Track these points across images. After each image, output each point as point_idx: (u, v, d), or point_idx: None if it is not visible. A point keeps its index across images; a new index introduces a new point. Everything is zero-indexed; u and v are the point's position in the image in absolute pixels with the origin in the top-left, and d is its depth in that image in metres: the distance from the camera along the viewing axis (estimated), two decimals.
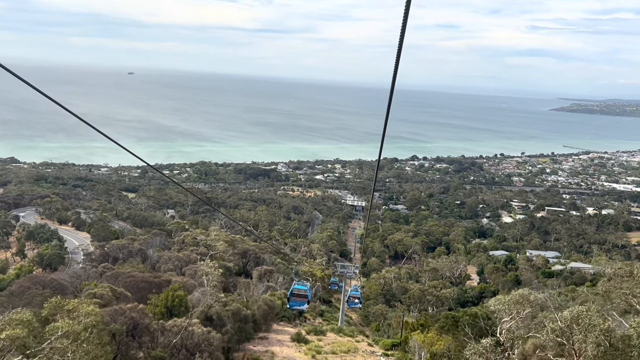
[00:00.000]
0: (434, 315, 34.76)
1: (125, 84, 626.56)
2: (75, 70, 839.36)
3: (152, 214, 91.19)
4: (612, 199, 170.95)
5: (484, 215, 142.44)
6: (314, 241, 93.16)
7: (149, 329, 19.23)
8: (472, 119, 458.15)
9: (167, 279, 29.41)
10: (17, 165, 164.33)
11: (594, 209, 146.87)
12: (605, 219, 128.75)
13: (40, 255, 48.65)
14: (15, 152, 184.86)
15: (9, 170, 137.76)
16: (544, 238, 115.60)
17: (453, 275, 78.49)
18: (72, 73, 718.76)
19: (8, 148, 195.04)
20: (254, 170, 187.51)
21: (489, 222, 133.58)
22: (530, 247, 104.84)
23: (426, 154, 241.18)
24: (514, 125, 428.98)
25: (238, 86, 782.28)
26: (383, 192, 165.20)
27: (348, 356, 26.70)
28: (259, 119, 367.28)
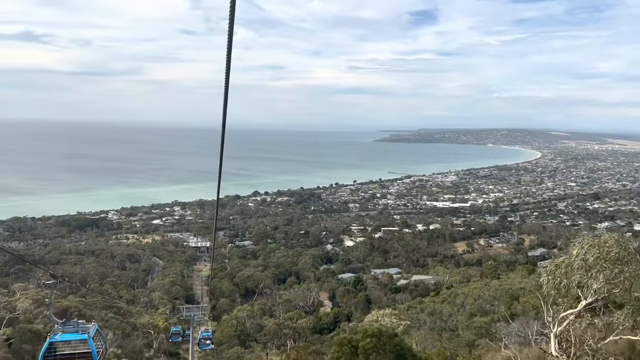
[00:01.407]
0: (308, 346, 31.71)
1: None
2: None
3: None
4: (435, 215, 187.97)
5: (328, 241, 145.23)
6: (155, 290, 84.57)
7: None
8: (305, 154, 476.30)
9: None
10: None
11: (422, 225, 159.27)
12: (434, 233, 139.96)
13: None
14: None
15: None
16: (385, 256, 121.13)
17: (307, 304, 76.75)
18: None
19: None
20: (79, 222, 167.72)
21: (333, 247, 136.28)
22: (374, 267, 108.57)
23: (266, 188, 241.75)
24: (343, 157, 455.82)
25: (55, 132, 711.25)
26: (228, 229, 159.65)
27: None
28: (72, 164, 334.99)
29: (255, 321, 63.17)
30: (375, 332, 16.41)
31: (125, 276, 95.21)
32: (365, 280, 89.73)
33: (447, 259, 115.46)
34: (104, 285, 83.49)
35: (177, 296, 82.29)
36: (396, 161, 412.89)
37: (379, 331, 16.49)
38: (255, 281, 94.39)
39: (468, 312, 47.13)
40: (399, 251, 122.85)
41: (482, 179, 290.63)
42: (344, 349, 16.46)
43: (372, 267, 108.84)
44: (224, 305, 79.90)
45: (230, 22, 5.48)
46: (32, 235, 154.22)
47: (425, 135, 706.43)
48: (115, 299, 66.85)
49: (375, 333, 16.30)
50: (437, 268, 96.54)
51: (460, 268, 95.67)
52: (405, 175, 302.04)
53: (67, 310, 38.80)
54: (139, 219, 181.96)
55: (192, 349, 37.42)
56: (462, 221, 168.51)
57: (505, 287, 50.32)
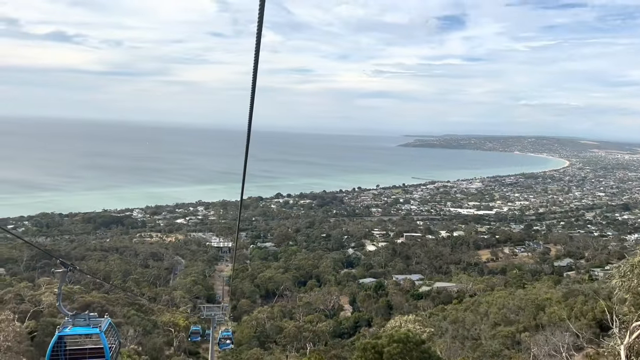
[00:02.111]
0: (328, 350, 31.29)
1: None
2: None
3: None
4: (459, 222, 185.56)
5: (349, 245, 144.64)
6: (177, 288, 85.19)
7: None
8: (328, 157, 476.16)
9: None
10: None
11: (446, 232, 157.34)
12: (457, 240, 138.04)
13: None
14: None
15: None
16: (407, 262, 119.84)
17: (327, 307, 76.29)
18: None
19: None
20: (105, 219, 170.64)
21: (354, 251, 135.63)
22: (395, 272, 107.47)
23: (289, 191, 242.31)
24: (366, 161, 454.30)
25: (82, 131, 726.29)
26: (250, 230, 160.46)
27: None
28: (95, 162, 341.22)
29: (275, 323, 62.98)
30: (402, 337, 15.65)
31: (148, 274, 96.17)
32: (387, 285, 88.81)
33: (470, 267, 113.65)
34: (127, 282, 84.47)
35: (198, 295, 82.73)
36: (420, 166, 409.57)
37: (406, 337, 15.73)
38: (276, 283, 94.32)
39: (492, 321, 46.02)
40: (422, 257, 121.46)
41: (508, 187, 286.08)
42: (367, 354, 15.70)
43: (394, 272, 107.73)
44: (244, 306, 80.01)
45: (259, 24, 5.36)
46: (59, 231, 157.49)
47: (451, 141, 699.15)
48: (137, 296, 67.51)
49: (402, 339, 15.54)
50: (460, 275, 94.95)
51: (484, 276, 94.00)
52: (429, 181, 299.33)
53: (90, 306, 39.18)
54: (163, 218, 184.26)
55: (211, 348, 37.34)
56: (487, 229, 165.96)
57: (530, 296, 48.98)
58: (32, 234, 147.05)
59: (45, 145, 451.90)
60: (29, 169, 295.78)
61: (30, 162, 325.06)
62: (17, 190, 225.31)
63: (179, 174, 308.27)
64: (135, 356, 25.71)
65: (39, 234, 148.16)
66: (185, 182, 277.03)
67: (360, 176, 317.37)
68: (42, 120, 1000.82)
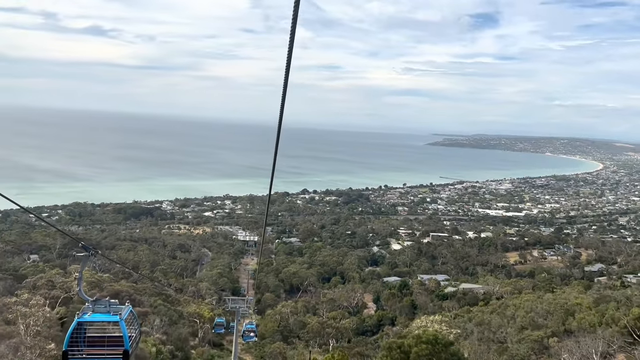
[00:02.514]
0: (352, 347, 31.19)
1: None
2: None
3: (7, 260, 78.48)
4: (487, 223, 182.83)
5: (374, 243, 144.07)
6: (203, 280, 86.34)
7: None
8: (355, 154, 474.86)
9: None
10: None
11: (473, 233, 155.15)
12: (485, 242, 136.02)
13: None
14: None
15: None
16: (432, 262, 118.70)
17: (350, 304, 76.21)
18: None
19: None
20: (135, 210, 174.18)
21: (379, 249, 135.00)
22: (420, 272, 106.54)
23: (315, 187, 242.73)
24: (394, 159, 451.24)
25: (114, 123, 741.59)
26: (276, 225, 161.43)
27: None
28: (126, 154, 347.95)
29: (299, 318, 63.25)
30: (430, 338, 15.22)
31: (175, 265, 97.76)
32: (412, 285, 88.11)
33: (497, 269, 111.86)
34: (154, 273, 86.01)
35: (224, 288, 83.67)
36: (448, 166, 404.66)
37: (435, 338, 15.30)
38: (300, 278, 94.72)
39: (519, 325, 45.20)
40: (448, 258, 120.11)
41: (539, 189, 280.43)
42: (393, 353, 15.33)
43: (419, 272, 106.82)
44: (268, 300, 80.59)
45: (293, 21, 5.31)
46: (90, 220, 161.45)
47: (481, 140, 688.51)
48: (164, 286, 68.71)
49: (430, 340, 15.11)
50: (487, 277, 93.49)
51: (512, 279, 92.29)
52: (457, 181, 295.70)
53: (119, 294, 39.94)
54: (191, 211, 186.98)
55: (235, 341, 37.70)
56: (516, 231, 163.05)
57: (559, 301, 47.90)
58: (66, 222, 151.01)
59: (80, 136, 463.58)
60: (64, 159, 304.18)
61: (65, 152, 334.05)
62: (52, 180, 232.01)
63: (208, 168, 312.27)
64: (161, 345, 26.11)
65: (72, 223, 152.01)
66: (213, 176, 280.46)
67: (387, 174, 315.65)
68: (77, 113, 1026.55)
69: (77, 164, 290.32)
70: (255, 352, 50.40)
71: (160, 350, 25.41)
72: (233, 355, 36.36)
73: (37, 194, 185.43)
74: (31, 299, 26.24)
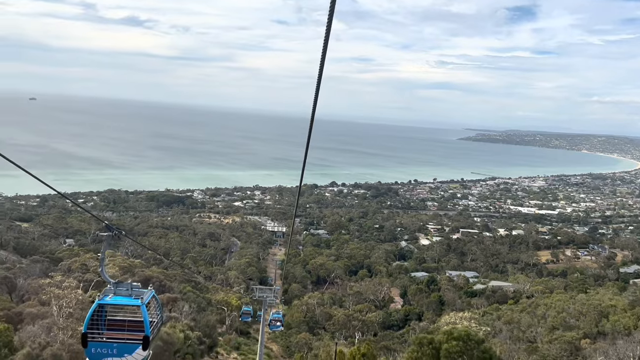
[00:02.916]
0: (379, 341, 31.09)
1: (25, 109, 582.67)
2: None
3: (45, 243, 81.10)
4: (519, 220, 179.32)
5: (403, 238, 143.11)
6: (231, 268, 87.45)
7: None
8: (386, 148, 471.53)
9: (18, 311, 22.98)
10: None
11: (504, 230, 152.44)
12: (516, 239, 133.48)
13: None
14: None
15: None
16: (461, 259, 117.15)
17: (377, 298, 75.94)
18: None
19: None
20: (167, 198, 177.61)
21: (407, 244, 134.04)
22: (449, 268, 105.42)
23: (344, 180, 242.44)
24: (425, 153, 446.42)
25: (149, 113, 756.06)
26: (304, 217, 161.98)
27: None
28: (159, 143, 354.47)
29: (325, 310, 63.41)
30: (462, 335, 14.72)
31: (205, 253, 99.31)
32: (440, 280, 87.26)
33: (528, 267, 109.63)
34: (184, 260, 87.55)
35: (252, 277, 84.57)
36: (481, 162, 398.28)
37: (467, 335, 14.79)
38: (327, 270, 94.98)
39: (549, 325, 44.27)
40: (477, 255, 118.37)
41: (573, 187, 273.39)
42: (424, 349, 14.85)
43: (448, 268, 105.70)
44: (295, 290, 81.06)
45: (330, 13, 5.21)
46: (124, 207, 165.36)
47: (514, 136, 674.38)
48: (194, 273, 69.91)
49: (462, 336, 14.61)
50: (518, 276, 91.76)
51: (543, 278, 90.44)
52: (489, 177, 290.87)
53: (150, 280, 40.80)
54: (222, 200, 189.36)
55: (262, 329, 38.06)
56: (548, 229, 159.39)
57: (593, 302, 46.67)
58: (100, 209, 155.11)
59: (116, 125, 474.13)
60: (100, 147, 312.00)
61: (101, 140, 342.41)
62: (88, 167, 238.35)
63: (238, 158, 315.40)
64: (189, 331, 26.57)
65: (106, 209, 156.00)
66: (243, 167, 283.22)
67: (417, 169, 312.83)
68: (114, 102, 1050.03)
69: (112, 151, 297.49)
70: (282, 342, 50.84)
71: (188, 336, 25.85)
72: (259, 343, 36.69)
73: (73, 181, 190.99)
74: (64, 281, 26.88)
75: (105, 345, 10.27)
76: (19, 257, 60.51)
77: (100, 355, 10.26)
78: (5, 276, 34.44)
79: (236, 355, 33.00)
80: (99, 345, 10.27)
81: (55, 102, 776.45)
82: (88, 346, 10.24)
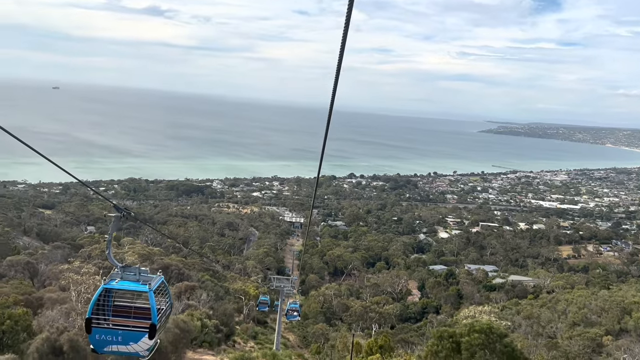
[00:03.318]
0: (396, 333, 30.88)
1: (49, 98, 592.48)
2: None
3: (67, 230, 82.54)
4: (540, 214, 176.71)
5: (421, 230, 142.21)
6: (249, 258, 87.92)
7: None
8: (405, 140, 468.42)
9: (39, 296, 23.30)
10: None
11: (525, 224, 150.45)
12: (537, 234, 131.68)
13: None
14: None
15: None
16: (481, 252, 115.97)
17: (394, 290, 75.61)
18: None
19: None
20: (187, 187, 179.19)
21: (426, 237, 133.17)
22: (468, 261, 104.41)
23: (362, 172, 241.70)
24: (445, 146, 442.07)
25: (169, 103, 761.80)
26: (322, 208, 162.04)
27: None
28: (179, 133, 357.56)
29: (342, 301, 63.34)
30: (484, 328, 14.27)
31: (223, 242, 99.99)
32: (458, 274, 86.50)
33: (549, 262, 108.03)
34: (203, 249, 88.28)
35: (269, 267, 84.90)
36: (502, 155, 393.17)
37: (489, 328, 14.32)
38: (344, 261, 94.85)
39: (570, 321, 43.50)
40: (497, 248, 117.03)
41: (597, 181, 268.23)
42: (444, 342, 14.36)
43: (466, 261, 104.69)
44: (312, 281, 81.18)
45: (350, 3, 5.08)
46: (144, 195, 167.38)
47: (537, 129, 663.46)
48: (212, 262, 70.42)
49: (484, 329, 14.18)
50: (538, 270, 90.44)
51: (564, 273, 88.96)
52: (510, 170, 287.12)
53: (168, 268, 41.18)
54: (240, 190, 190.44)
55: (279, 319, 38.16)
56: (570, 224, 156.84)
57: (616, 298, 45.69)
58: (121, 197, 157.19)
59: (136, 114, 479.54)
60: (120, 136, 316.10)
61: (122, 129, 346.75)
62: (109, 155, 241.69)
63: (257, 149, 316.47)
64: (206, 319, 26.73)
65: (127, 198, 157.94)
66: (262, 157, 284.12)
67: (437, 161, 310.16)
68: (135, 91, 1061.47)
69: (133, 140, 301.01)
70: (299, 332, 50.96)
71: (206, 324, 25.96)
72: (276, 333, 36.81)
73: (94, 169, 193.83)
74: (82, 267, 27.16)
75: (109, 332, 9.77)
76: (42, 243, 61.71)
77: (104, 343, 9.79)
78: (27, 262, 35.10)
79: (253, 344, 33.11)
80: (103, 331, 9.78)
81: (78, 92, 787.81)
82: (92, 332, 9.75)
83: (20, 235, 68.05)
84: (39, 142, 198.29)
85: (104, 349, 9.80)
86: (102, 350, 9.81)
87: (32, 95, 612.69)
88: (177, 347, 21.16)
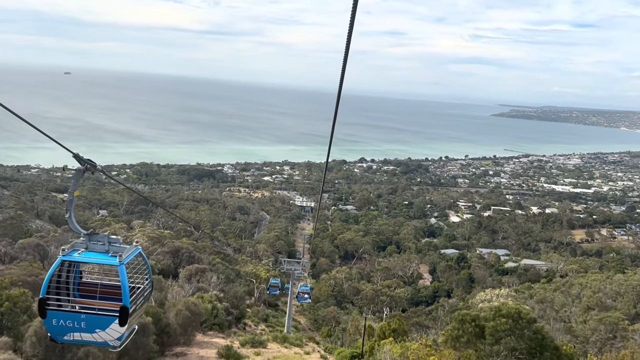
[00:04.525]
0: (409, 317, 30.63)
1: (61, 83, 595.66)
2: (8, 68, 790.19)
3: (79, 214, 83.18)
4: (552, 199, 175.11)
5: (432, 215, 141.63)
6: (260, 242, 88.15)
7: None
8: (417, 124, 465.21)
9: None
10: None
11: (537, 208, 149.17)
12: (549, 218, 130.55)
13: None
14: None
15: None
16: (492, 236, 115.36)
17: (405, 274, 75.48)
18: (3, 72, 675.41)
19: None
20: (198, 172, 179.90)
21: (437, 221, 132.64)
22: (479, 246, 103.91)
23: (373, 156, 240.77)
24: (456, 130, 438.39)
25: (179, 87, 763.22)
26: (332, 192, 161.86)
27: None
28: (188, 117, 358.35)
29: (353, 284, 63.29)
30: (512, 312, 13.58)
31: (234, 226, 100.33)
32: (470, 258, 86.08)
33: (562, 246, 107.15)
34: (214, 232, 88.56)
35: (280, 250, 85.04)
36: (514, 138, 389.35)
37: (518, 312, 13.65)
38: (355, 245, 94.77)
39: (584, 305, 42.89)
40: (509, 232, 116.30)
41: (610, 165, 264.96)
42: (466, 326, 13.62)
43: (478, 245, 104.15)
44: (323, 265, 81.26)
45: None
46: (156, 180, 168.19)
47: (550, 113, 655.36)
48: (223, 245, 70.63)
49: (511, 314, 13.48)
50: (551, 254, 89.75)
51: (577, 257, 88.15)
52: (522, 154, 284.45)
53: (179, 251, 41.18)
54: (251, 175, 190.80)
55: (290, 302, 38.12)
56: (583, 208, 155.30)
57: (631, 282, 44.97)
58: (133, 181, 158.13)
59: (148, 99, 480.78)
60: (132, 120, 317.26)
61: (133, 114, 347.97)
62: (120, 140, 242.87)
63: (267, 133, 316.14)
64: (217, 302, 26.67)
65: (139, 182, 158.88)
66: (272, 142, 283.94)
67: (449, 145, 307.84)
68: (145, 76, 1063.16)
69: (144, 125, 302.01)
70: (309, 315, 50.99)
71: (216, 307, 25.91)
72: (287, 316, 36.78)
73: (106, 153, 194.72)
74: None
75: (70, 316, 7.70)
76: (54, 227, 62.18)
77: (64, 330, 7.74)
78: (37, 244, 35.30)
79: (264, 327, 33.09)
80: (62, 315, 7.71)
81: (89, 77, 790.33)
82: (47, 316, 7.73)
83: (33, 218, 68.65)
84: (53, 127, 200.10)
85: (63, 337, 7.84)
86: (62, 339, 7.87)
87: (45, 80, 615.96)
88: (186, 330, 21.04)
